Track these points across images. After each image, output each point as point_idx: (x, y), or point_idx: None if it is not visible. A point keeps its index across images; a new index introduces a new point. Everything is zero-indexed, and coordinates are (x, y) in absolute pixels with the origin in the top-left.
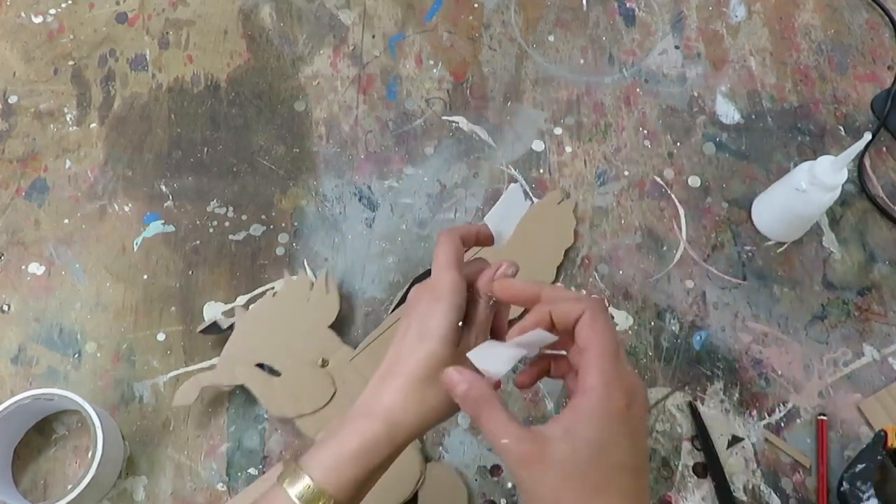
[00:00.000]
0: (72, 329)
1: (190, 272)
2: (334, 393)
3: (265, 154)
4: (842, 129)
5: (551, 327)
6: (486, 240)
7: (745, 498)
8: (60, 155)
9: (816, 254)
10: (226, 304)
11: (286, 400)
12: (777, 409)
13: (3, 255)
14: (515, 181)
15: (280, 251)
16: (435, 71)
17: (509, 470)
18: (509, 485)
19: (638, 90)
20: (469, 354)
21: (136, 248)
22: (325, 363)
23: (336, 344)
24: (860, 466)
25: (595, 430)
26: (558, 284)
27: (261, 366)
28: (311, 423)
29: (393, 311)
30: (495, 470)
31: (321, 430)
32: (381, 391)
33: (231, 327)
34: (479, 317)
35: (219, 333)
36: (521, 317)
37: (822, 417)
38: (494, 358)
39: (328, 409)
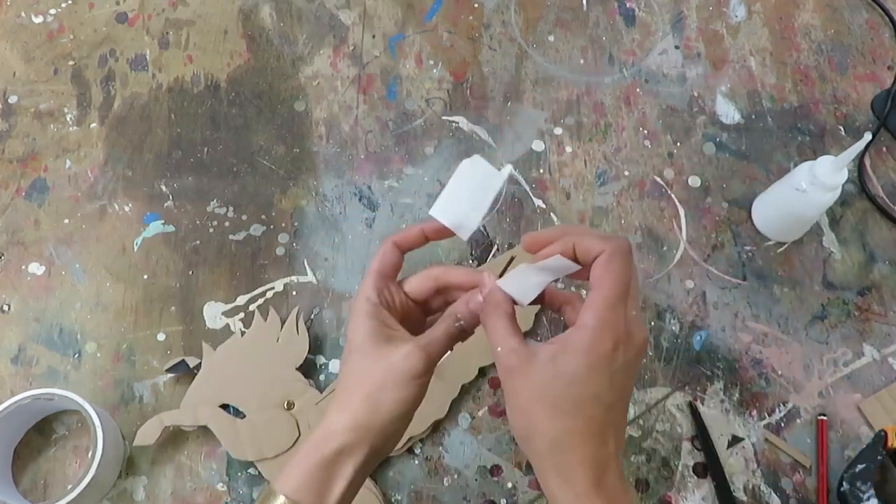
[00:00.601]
0: (72, 329)
1: (190, 272)
2: (298, 437)
3: (265, 154)
4: (842, 129)
5: (574, 259)
6: (436, 234)
7: (745, 498)
8: (60, 155)
9: (816, 254)
10: (226, 304)
11: (248, 443)
12: (777, 409)
13: (3, 255)
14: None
15: (280, 251)
16: (435, 71)
17: (498, 375)
18: (509, 485)
19: (638, 90)
20: (499, 282)
21: (136, 248)
22: (290, 405)
23: (303, 386)
24: (860, 466)
25: (576, 365)
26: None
27: (226, 407)
28: (273, 466)
29: None
30: (495, 470)
31: None
32: (328, 407)
33: (198, 367)
34: (440, 335)
35: (186, 372)
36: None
37: (822, 417)
38: (523, 286)
39: (291, 453)
